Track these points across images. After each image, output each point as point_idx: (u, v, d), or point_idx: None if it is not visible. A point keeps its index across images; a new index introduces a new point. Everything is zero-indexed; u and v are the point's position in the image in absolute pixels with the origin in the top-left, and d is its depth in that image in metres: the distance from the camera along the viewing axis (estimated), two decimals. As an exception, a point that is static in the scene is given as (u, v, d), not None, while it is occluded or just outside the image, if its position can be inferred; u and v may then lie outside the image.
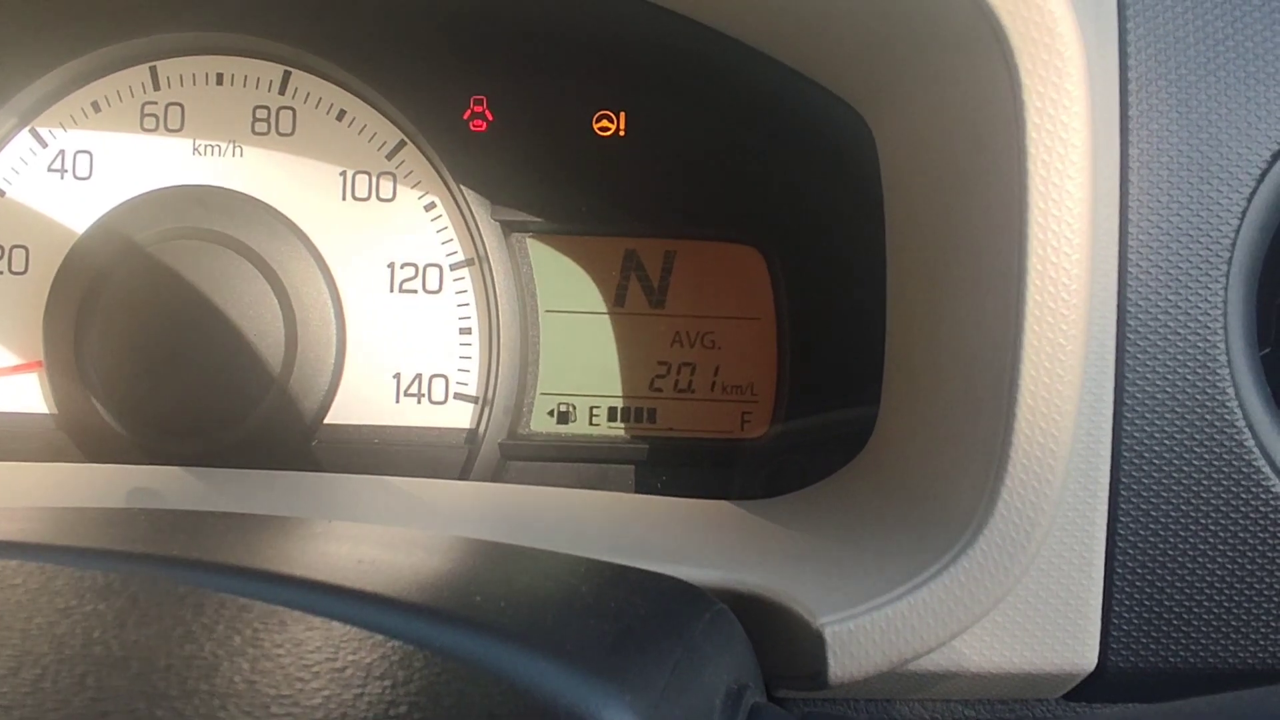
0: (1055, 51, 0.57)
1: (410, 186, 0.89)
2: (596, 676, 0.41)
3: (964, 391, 0.64)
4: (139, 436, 0.85)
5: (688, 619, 0.51)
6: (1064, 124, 0.57)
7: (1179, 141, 0.65)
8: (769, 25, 0.77)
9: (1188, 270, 0.65)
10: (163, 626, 0.37)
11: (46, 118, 0.89)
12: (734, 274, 0.88)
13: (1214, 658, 0.66)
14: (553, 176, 0.88)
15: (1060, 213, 0.58)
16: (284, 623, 0.38)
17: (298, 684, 0.34)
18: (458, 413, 0.89)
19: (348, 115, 0.89)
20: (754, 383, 0.89)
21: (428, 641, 0.39)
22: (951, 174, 0.67)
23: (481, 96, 0.87)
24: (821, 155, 0.85)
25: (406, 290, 0.89)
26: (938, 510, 0.63)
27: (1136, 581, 0.65)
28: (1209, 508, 0.65)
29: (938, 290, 0.69)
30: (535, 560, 0.54)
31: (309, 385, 0.86)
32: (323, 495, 0.79)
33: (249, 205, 0.87)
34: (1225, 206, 0.65)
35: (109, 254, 0.86)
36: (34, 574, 0.39)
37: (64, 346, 0.86)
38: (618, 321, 0.89)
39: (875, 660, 0.56)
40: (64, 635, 0.35)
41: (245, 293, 0.86)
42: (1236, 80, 0.65)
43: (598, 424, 0.89)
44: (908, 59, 0.68)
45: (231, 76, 0.89)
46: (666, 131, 0.88)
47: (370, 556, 0.49)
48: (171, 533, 0.48)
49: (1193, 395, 0.65)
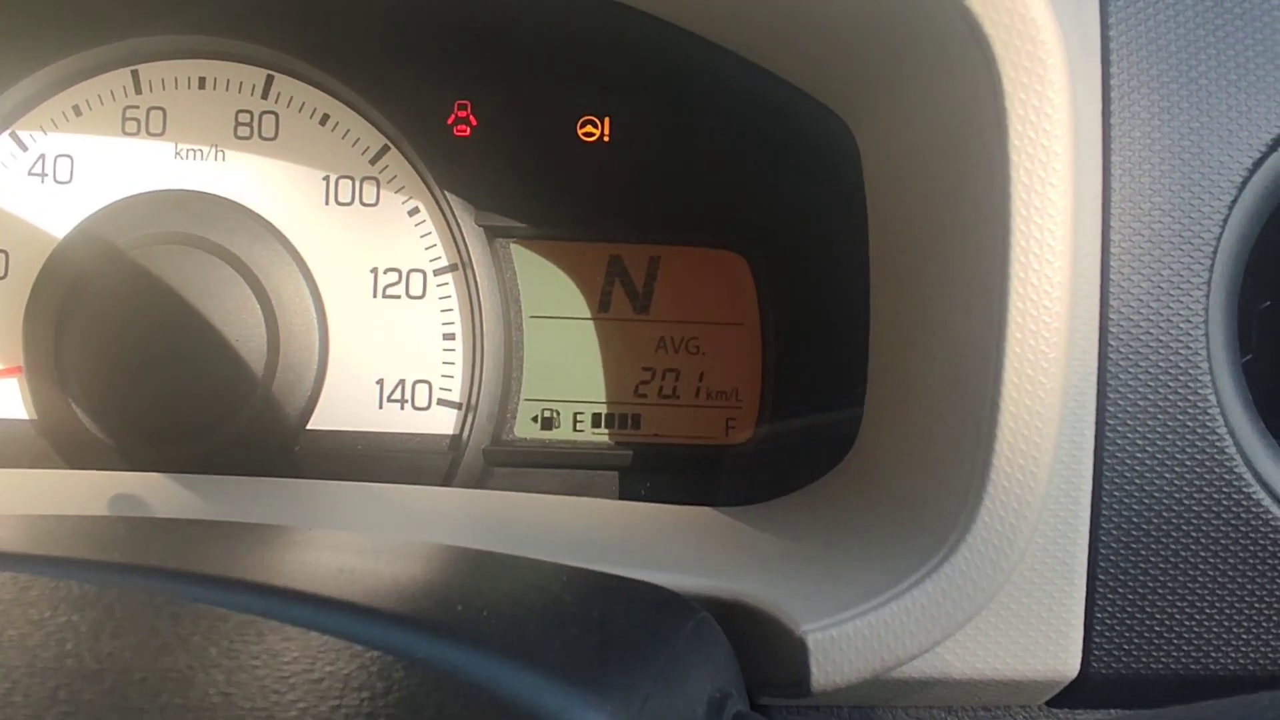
0: (1038, 58, 0.57)
1: (394, 191, 0.88)
2: (579, 686, 0.40)
3: (947, 398, 0.64)
4: (120, 442, 0.85)
5: (670, 628, 0.51)
6: (1047, 131, 0.57)
7: (1161, 149, 0.65)
8: (752, 32, 0.77)
9: (1169, 277, 0.65)
10: (138, 638, 0.36)
11: (27, 121, 0.88)
12: (718, 280, 0.88)
13: (1196, 664, 0.66)
14: (537, 182, 0.87)
15: (1043, 220, 0.58)
16: (261, 633, 0.38)
17: (273, 696, 0.34)
18: (441, 419, 0.88)
19: (331, 120, 0.88)
20: (738, 388, 0.89)
21: (407, 651, 0.39)
22: (934, 180, 0.67)
23: (465, 101, 0.87)
24: (805, 161, 0.86)
25: (390, 296, 0.88)
26: (921, 517, 0.63)
27: (1118, 588, 0.65)
28: (1191, 514, 0.65)
29: (921, 296, 0.69)
30: (517, 568, 0.54)
31: (291, 391, 0.86)
32: (305, 502, 0.78)
33: (231, 210, 0.87)
34: (1207, 214, 0.65)
35: (90, 258, 0.85)
36: (7, 584, 0.39)
37: (44, 351, 0.85)
38: (602, 327, 0.89)
39: (858, 667, 0.56)
40: (36, 647, 0.34)
41: (227, 298, 0.85)
42: (1218, 88, 0.65)
43: (582, 430, 0.89)
44: (891, 65, 0.68)
45: (214, 81, 0.89)
46: (651, 137, 0.88)
47: (351, 565, 0.49)
48: (149, 541, 0.48)
49: (1174, 402, 0.65)
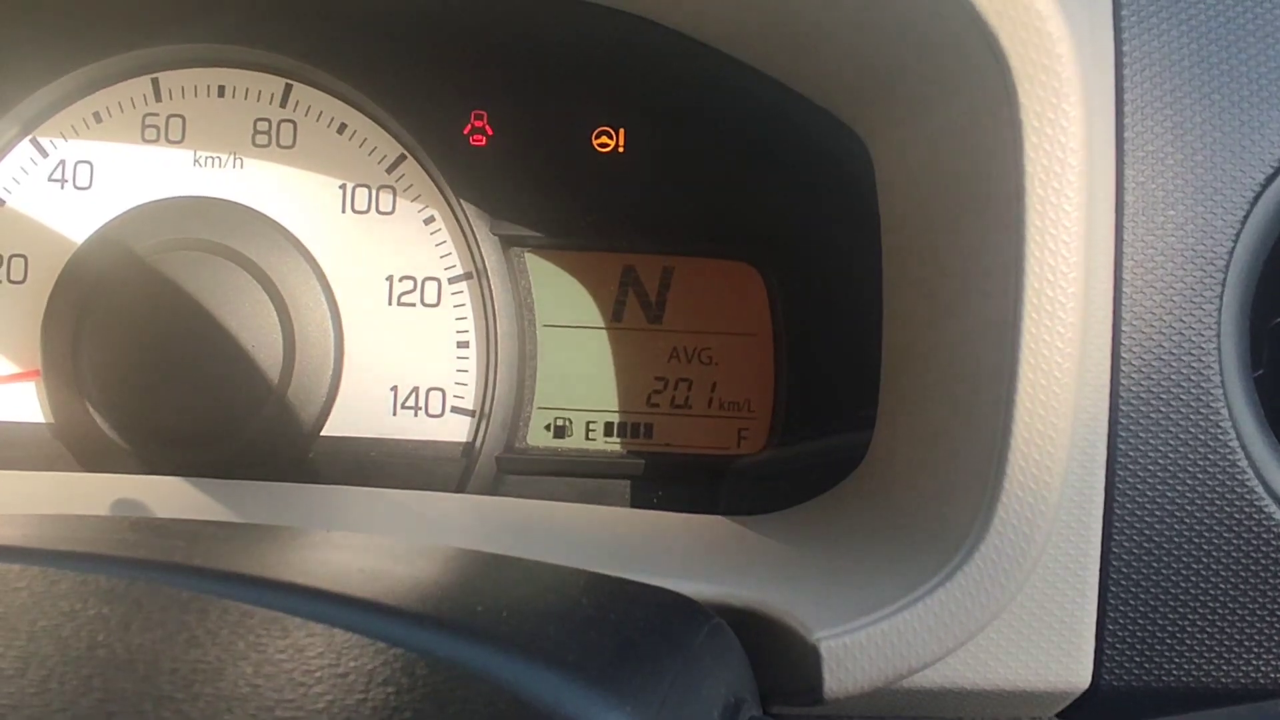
0: (1053, 72, 0.58)
1: (410, 200, 0.89)
2: (597, 687, 0.41)
3: (960, 410, 0.65)
4: (136, 446, 0.85)
5: (686, 632, 0.51)
6: (1061, 144, 0.58)
7: (1174, 163, 0.66)
8: (767, 45, 0.78)
9: (1182, 291, 0.66)
10: (167, 631, 0.37)
11: (48, 127, 0.89)
12: (731, 291, 0.89)
13: (1207, 677, 0.66)
14: (552, 192, 0.88)
15: (1057, 231, 0.58)
16: (286, 629, 0.39)
17: (301, 689, 0.34)
18: (454, 426, 0.89)
19: (348, 129, 0.89)
20: (750, 399, 0.89)
21: (430, 650, 0.40)
22: (948, 193, 0.67)
23: (482, 111, 0.88)
24: (819, 174, 0.86)
25: (405, 303, 0.89)
26: (933, 526, 0.63)
27: (1130, 600, 0.66)
28: (1203, 527, 0.66)
29: (934, 308, 0.70)
30: (535, 572, 0.54)
31: (306, 397, 0.86)
32: (319, 507, 0.79)
33: (249, 217, 0.87)
34: (1220, 228, 0.66)
35: (108, 264, 0.86)
36: (37, 578, 0.39)
37: (62, 356, 0.86)
38: (615, 337, 0.89)
39: (870, 676, 0.57)
40: (69, 637, 0.35)
41: (244, 304, 0.86)
42: (1231, 103, 0.66)
43: (594, 439, 0.89)
44: (905, 79, 0.69)
45: (233, 89, 0.89)
46: (666, 148, 0.88)
47: (370, 565, 0.49)
48: (172, 539, 0.48)
49: (1187, 416, 0.66)
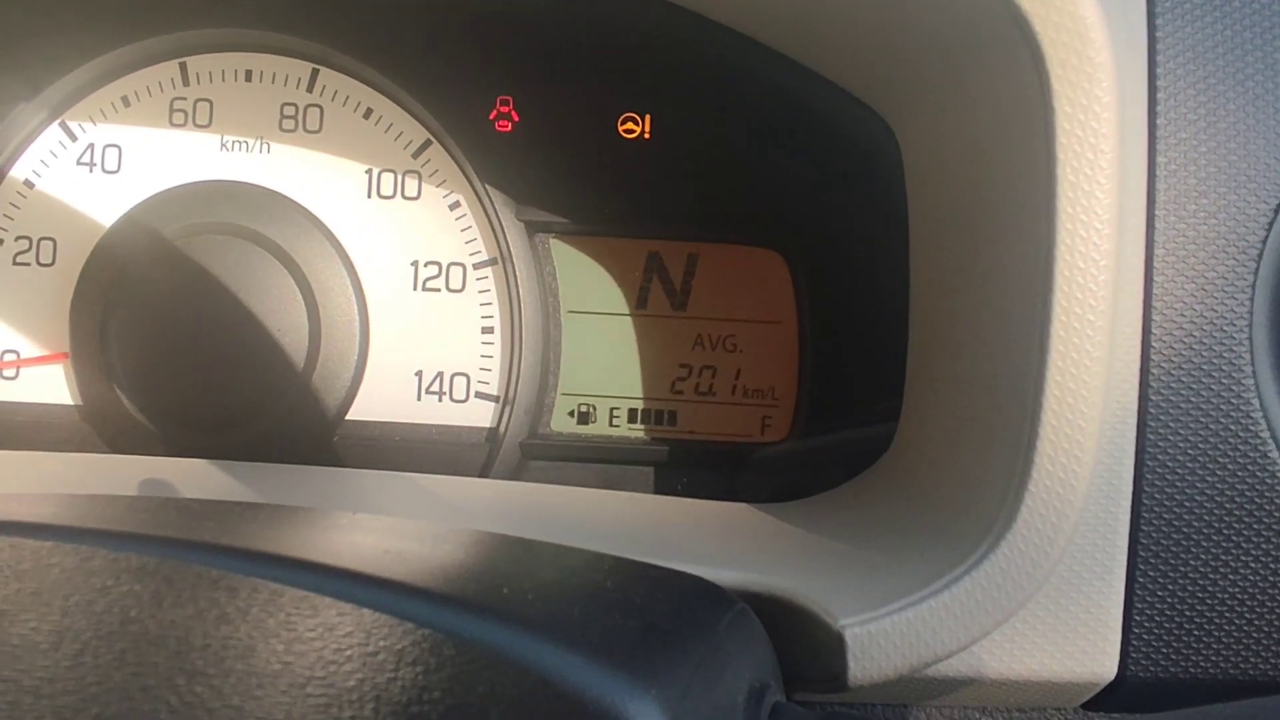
0: (1086, 57, 0.57)
1: (435, 185, 0.89)
2: (623, 670, 0.41)
3: (987, 398, 0.64)
4: (162, 428, 0.86)
5: (711, 617, 0.51)
6: (1094, 129, 0.57)
7: (1207, 150, 0.65)
8: (794, 30, 0.78)
9: (1213, 280, 0.65)
10: (198, 608, 0.37)
11: (76, 111, 0.90)
12: (756, 278, 0.89)
13: (1235, 669, 0.66)
14: (577, 178, 0.88)
15: (1089, 219, 0.57)
16: (316, 608, 0.39)
17: (331, 666, 0.34)
18: (479, 411, 0.89)
19: (374, 114, 0.89)
20: (775, 386, 0.89)
21: (457, 631, 0.40)
22: (977, 179, 0.67)
23: (508, 97, 0.88)
24: (845, 160, 0.86)
25: (430, 289, 0.89)
26: (960, 515, 0.63)
27: (1158, 591, 0.65)
28: (1231, 518, 0.65)
29: (961, 297, 0.69)
30: (560, 555, 0.54)
31: (332, 381, 0.87)
32: (344, 490, 0.79)
33: (275, 201, 0.88)
34: (1252, 216, 0.65)
35: (136, 247, 0.86)
36: (70, 555, 0.40)
37: (90, 338, 0.86)
38: (639, 323, 0.89)
39: (895, 663, 0.56)
40: (101, 613, 0.35)
41: (270, 288, 0.86)
42: (1265, 90, 0.65)
43: (618, 425, 0.89)
44: (935, 65, 0.68)
45: (260, 73, 0.90)
46: (691, 135, 0.88)
47: (396, 547, 0.50)
48: (202, 520, 0.49)
49: (1217, 405, 0.65)
